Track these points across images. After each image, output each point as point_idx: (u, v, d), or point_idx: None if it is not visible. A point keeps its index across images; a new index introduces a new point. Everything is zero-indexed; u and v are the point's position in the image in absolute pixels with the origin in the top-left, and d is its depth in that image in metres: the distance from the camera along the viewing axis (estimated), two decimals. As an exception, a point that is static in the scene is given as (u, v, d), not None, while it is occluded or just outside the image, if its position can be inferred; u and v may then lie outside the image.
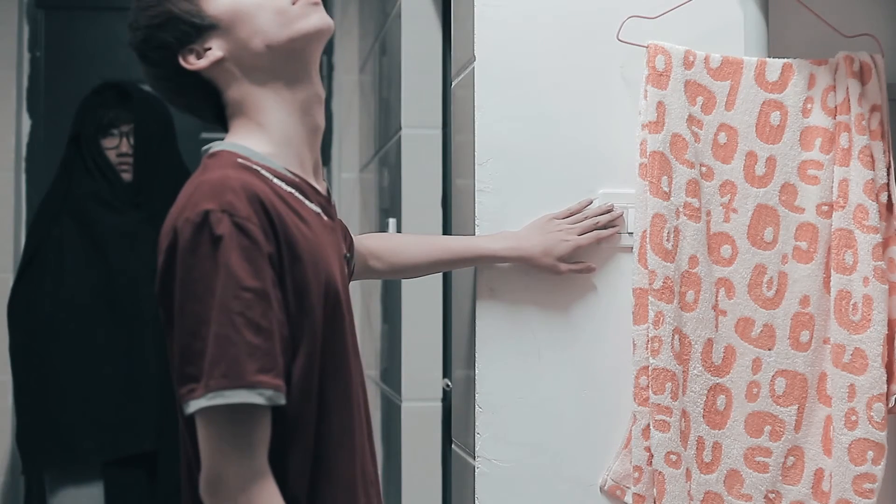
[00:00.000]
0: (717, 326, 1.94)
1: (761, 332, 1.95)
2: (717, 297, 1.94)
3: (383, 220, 3.09)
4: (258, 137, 1.51)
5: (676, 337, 1.89)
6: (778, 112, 1.97)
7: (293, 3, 1.52)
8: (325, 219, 1.55)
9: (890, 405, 1.94)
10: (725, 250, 1.95)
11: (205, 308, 1.35)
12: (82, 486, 2.78)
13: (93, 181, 2.83)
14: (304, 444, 1.43)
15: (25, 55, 3.65)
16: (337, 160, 3.70)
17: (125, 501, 2.78)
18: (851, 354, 1.92)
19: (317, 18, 1.53)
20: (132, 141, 2.85)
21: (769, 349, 1.96)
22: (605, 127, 1.99)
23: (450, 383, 2.52)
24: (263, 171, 1.47)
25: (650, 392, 1.88)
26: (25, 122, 3.64)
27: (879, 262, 1.91)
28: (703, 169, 1.94)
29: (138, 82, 2.74)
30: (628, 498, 1.94)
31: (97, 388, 2.75)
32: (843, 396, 1.92)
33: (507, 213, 1.97)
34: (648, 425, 1.89)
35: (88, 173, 2.84)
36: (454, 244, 2.00)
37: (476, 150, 1.97)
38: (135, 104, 2.85)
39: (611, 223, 1.97)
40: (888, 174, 1.96)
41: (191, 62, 1.52)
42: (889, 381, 1.93)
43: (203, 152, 1.53)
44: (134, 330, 2.77)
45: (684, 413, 1.91)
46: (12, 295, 2.87)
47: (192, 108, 1.59)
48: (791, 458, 1.96)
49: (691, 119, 1.93)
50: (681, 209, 1.91)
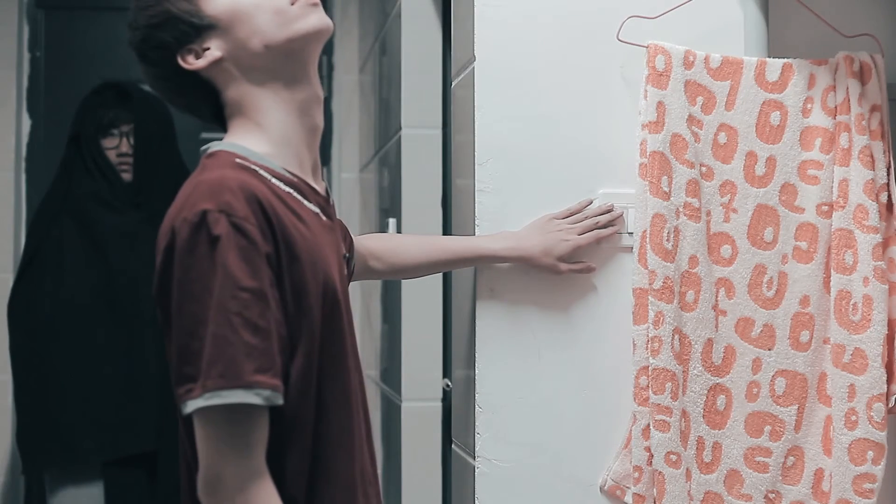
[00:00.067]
0: (717, 326, 1.94)
1: (761, 332, 1.95)
2: (717, 297, 1.94)
3: (383, 220, 3.09)
4: (257, 137, 1.51)
5: (676, 337, 1.89)
6: (778, 112, 1.97)
7: (292, 4, 1.51)
8: (324, 219, 1.55)
9: (890, 405, 1.94)
10: (725, 250, 1.95)
11: (202, 308, 1.35)
12: (82, 486, 2.77)
13: (93, 181, 2.83)
14: (303, 443, 1.43)
15: (25, 55, 3.65)
16: (337, 160, 3.70)
17: (125, 501, 2.77)
18: (851, 354, 1.92)
19: (315, 19, 1.53)
20: (132, 141, 2.85)
21: (769, 349, 1.96)
22: (605, 127, 1.99)
23: (450, 383, 2.51)
24: (262, 171, 1.47)
25: (650, 392, 1.88)
26: (25, 122, 3.64)
27: (879, 262, 1.91)
28: (703, 169, 1.94)
29: (138, 82, 2.74)
30: (628, 498, 1.93)
31: (97, 388, 2.75)
32: (843, 396, 1.92)
33: (507, 213, 1.97)
34: (648, 425, 1.89)
35: (88, 173, 2.83)
36: (454, 244, 2.00)
37: (476, 150, 1.97)
38: (135, 104, 2.85)
39: (611, 223, 1.97)
40: (888, 174, 1.96)
41: (189, 62, 1.52)
42: (889, 381, 1.92)
43: (201, 152, 1.53)
44: (134, 330, 2.77)
45: (684, 413, 1.91)
46: (12, 295, 2.87)
47: (191, 108, 1.59)
48: (791, 458, 1.96)
49: (691, 119, 1.93)
50: (681, 209, 1.91)
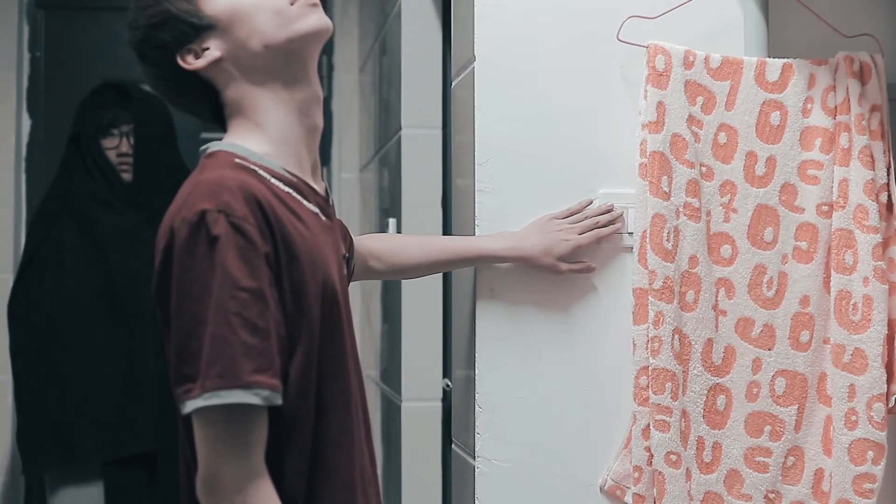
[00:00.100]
0: (717, 326, 1.94)
1: (761, 332, 1.95)
2: (717, 297, 1.94)
3: (383, 220, 3.09)
4: (256, 137, 1.51)
5: (676, 337, 1.89)
6: (778, 112, 1.97)
7: (291, 4, 1.51)
8: (324, 219, 1.55)
9: (890, 405, 1.94)
10: (725, 250, 1.95)
11: (201, 308, 1.35)
12: (82, 486, 2.77)
13: (93, 181, 2.83)
14: (302, 444, 1.43)
15: (25, 55, 3.65)
16: (337, 160, 3.69)
17: (125, 501, 2.77)
18: (851, 354, 1.91)
19: (315, 19, 1.53)
20: (132, 141, 2.85)
21: (769, 349, 1.96)
22: (605, 127, 1.99)
23: (450, 383, 2.51)
24: (261, 171, 1.47)
25: (650, 392, 1.88)
26: (25, 122, 3.64)
27: (879, 262, 1.91)
28: (703, 169, 1.94)
29: (138, 82, 2.74)
30: (628, 498, 1.93)
31: (97, 388, 2.75)
32: (843, 396, 1.92)
33: (507, 213, 1.97)
34: (648, 425, 1.89)
35: (88, 173, 2.83)
36: (454, 244, 2.00)
37: (476, 150, 1.97)
38: (135, 104, 2.85)
39: (611, 223, 1.97)
40: (888, 174, 1.95)
41: (189, 62, 1.52)
42: (889, 381, 1.92)
43: (201, 152, 1.53)
44: (134, 330, 2.77)
45: (684, 413, 1.90)
46: (12, 295, 2.87)
47: (190, 108, 1.59)
48: (791, 458, 1.96)
49: (691, 119, 1.93)
50: (681, 209, 1.91)
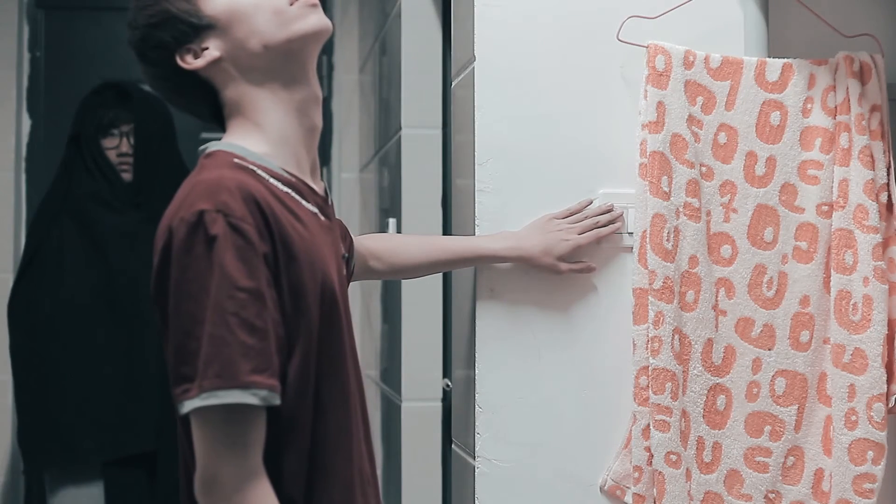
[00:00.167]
0: (717, 326, 1.94)
1: (761, 332, 1.95)
2: (717, 297, 1.94)
3: (383, 220, 3.09)
4: (255, 137, 1.51)
5: (676, 337, 1.89)
6: (778, 112, 1.97)
7: (291, 4, 1.51)
8: (323, 219, 1.55)
9: (890, 405, 1.94)
10: (725, 250, 1.95)
11: (199, 308, 1.35)
12: (82, 486, 2.77)
13: (93, 181, 2.83)
14: (300, 444, 1.43)
15: (25, 55, 3.65)
16: (337, 160, 3.69)
17: (125, 501, 2.77)
18: (851, 354, 1.91)
19: (315, 19, 1.53)
20: (132, 141, 2.85)
21: (769, 349, 1.96)
22: (605, 127, 1.99)
23: (450, 383, 2.51)
24: (259, 171, 1.47)
25: (650, 392, 1.88)
26: (25, 122, 3.64)
27: (879, 262, 1.91)
28: (703, 169, 1.94)
29: (138, 82, 2.74)
30: (628, 498, 1.93)
31: (97, 388, 2.75)
32: (843, 396, 1.92)
33: (507, 213, 1.97)
34: (648, 425, 1.89)
35: (88, 173, 2.83)
36: (454, 244, 2.00)
37: (476, 150, 1.97)
38: (135, 104, 2.85)
39: (611, 223, 1.97)
40: (888, 174, 1.95)
41: (188, 62, 1.52)
42: (889, 381, 1.92)
43: (200, 152, 1.52)
44: (134, 330, 2.77)
45: (684, 413, 1.90)
46: (12, 295, 2.87)
47: (190, 108, 1.59)
48: (791, 458, 1.96)
49: (691, 119, 1.93)
50: (681, 209, 1.91)
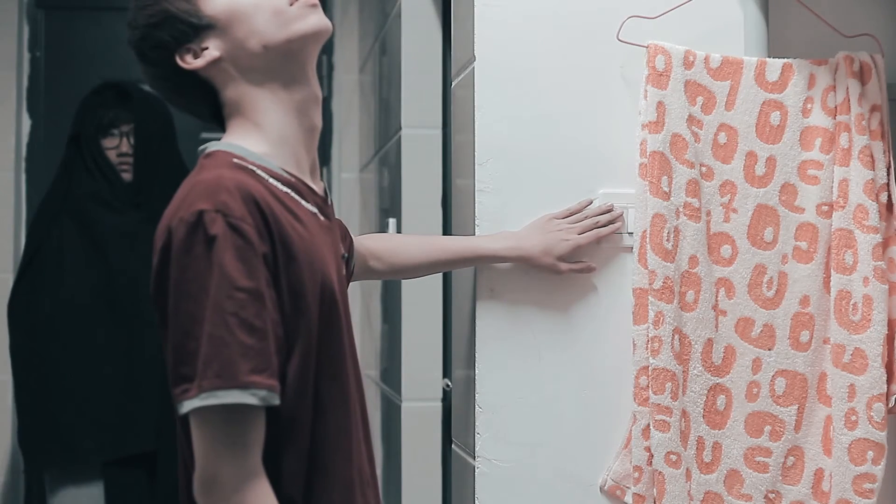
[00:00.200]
0: (717, 326, 1.94)
1: (761, 332, 1.95)
2: (717, 297, 1.94)
3: (383, 220, 3.09)
4: (255, 137, 1.51)
5: (676, 337, 1.89)
6: (778, 112, 1.97)
7: (291, 5, 1.51)
8: (322, 219, 1.55)
9: (890, 405, 1.94)
10: (725, 250, 1.95)
11: (199, 308, 1.35)
12: (82, 486, 2.77)
13: (93, 181, 2.83)
14: (300, 444, 1.43)
15: (25, 55, 3.65)
16: (337, 160, 3.69)
17: (125, 501, 2.77)
18: (851, 354, 1.91)
19: (314, 20, 1.53)
20: (132, 141, 2.85)
21: (769, 349, 1.96)
22: (605, 127, 1.99)
23: (450, 383, 2.51)
24: (259, 171, 1.47)
25: (650, 392, 1.88)
26: (25, 122, 3.64)
27: (879, 262, 1.91)
28: (703, 169, 1.94)
29: (138, 82, 2.74)
30: (628, 498, 1.93)
31: (97, 388, 2.75)
32: (843, 396, 1.92)
33: (507, 213, 1.97)
34: (648, 425, 1.89)
35: (88, 173, 2.83)
36: (454, 244, 2.00)
37: (476, 150, 1.97)
38: (135, 104, 2.85)
39: (610, 223, 1.97)
40: (888, 174, 1.95)
41: (188, 61, 1.52)
42: (889, 381, 1.92)
43: (199, 152, 1.52)
44: (134, 330, 2.77)
45: (684, 413, 1.90)
46: (12, 295, 2.87)
47: (190, 108, 1.59)
48: (791, 458, 1.96)
49: (691, 119, 1.93)
50: (681, 209, 1.91)
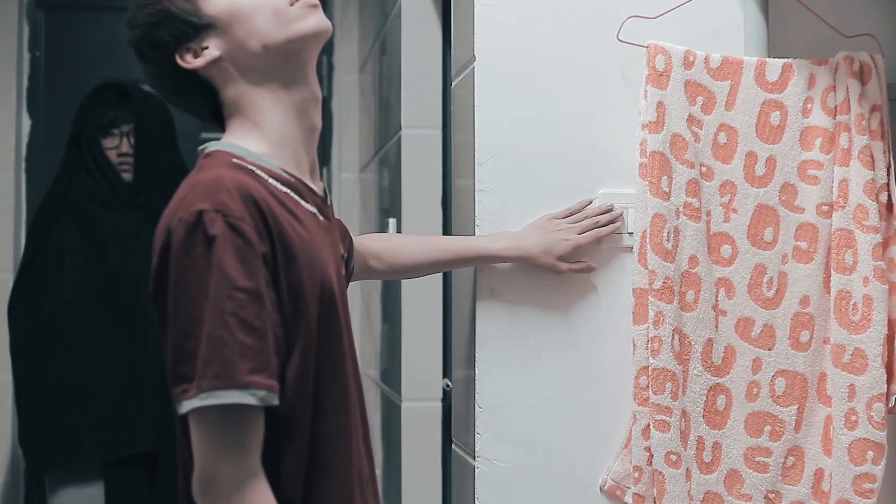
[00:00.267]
0: (717, 326, 1.94)
1: (761, 332, 1.95)
2: (717, 297, 1.94)
3: (383, 220, 3.09)
4: (254, 137, 1.51)
5: (676, 337, 1.89)
6: (778, 112, 1.97)
7: (291, 5, 1.51)
8: (322, 219, 1.55)
9: (890, 405, 1.94)
10: (725, 250, 1.95)
11: (198, 308, 1.35)
12: (82, 486, 2.77)
13: (93, 181, 2.83)
14: (299, 444, 1.43)
15: (25, 55, 3.65)
16: (337, 160, 3.69)
17: (125, 501, 2.77)
18: (851, 354, 1.91)
19: (315, 20, 1.53)
20: (132, 141, 2.85)
21: (769, 349, 1.96)
22: (605, 127, 1.99)
23: (450, 383, 2.51)
24: (258, 171, 1.47)
25: (650, 392, 1.88)
26: (25, 122, 3.64)
27: (879, 262, 1.91)
28: (703, 169, 1.94)
29: (138, 82, 2.74)
30: (628, 498, 1.93)
31: (97, 388, 2.75)
32: (843, 396, 1.92)
33: (507, 213, 1.97)
34: (648, 425, 1.89)
35: (89, 173, 2.83)
36: (454, 244, 2.00)
37: (476, 150, 1.97)
38: (135, 104, 2.85)
39: (610, 223, 1.97)
40: (888, 174, 1.95)
41: (188, 61, 1.52)
42: (889, 381, 1.92)
43: (199, 152, 1.52)
44: (134, 330, 2.77)
45: (684, 413, 1.90)
46: (12, 295, 2.86)
47: (189, 107, 1.59)
48: (791, 458, 1.96)
49: (691, 119, 1.93)
50: (681, 209, 1.91)
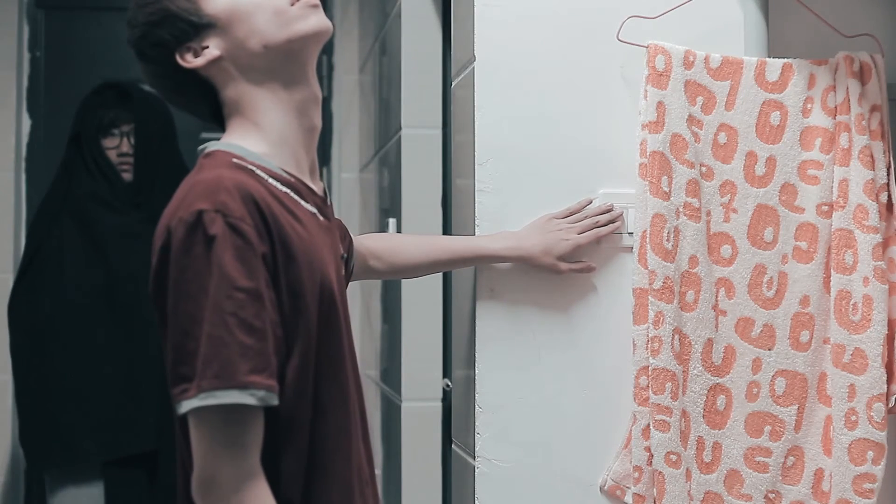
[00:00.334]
0: (717, 326, 1.94)
1: (761, 332, 1.95)
2: (717, 297, 1.94)
3: (383, 220, 3.09)
4: (254, 137, 1.51)
5: (676, 337, 1.89)
6: (778, 112, 1.97)
7: (291, 5, 1.51)
8: (321, 219, 1.55)
9: (890, 405, 1.94)
10: (725, 250, 1.95)
11: (198, 308, 1.35)
12: (82, 486, 2.77)
13: (93, 181, 2.83)
14: (299, 444, 1.43)
15: (25, 55, 3.65)
16: (337, 160, 3.69)
17: (125, 501, 2.77)
18: (851, 354, 1.91)
19: (315, 20, 1.53)
20: (132, 141, 2.85)
21: (769, 349, 1.96)
22: (605, 127, 1.99)
23: (450, 383, 2.51)
24: (258, 171, 1.47)
25: (650, 392, 1.88)
26: (25, 122, 3.64)
27: (879, 262, 1.91)
28: (703, 169, 1.94)
29: (138, 82, 2.74)
30: (628, 498, 1.93)
31: (97, 388, 2.75)
32: (843, 396, 1.92)
33: (507, 213, 1.97)
34: (648, 425, 1.89)
35: (89, 173, 2.83)
36: (454, 244, 2.00)
37: (476, 150, 1.97)
38: (135, 104, 2.85)
39: (610, 222, 1.97)
40: (888, 174, 1.96)
41: (188, 60, 1.52)
42: (889, 381, 1.92)
43: (199, 152, 1.52)
44: (134, 330, 2.77)
45: (684, 413, 1.91)
46: (12, 295, 2.86)
47: (189, 107, 1.59)
48: (791, 458, 1.96)
49: (691, 119, 1.93)
50: (681, 209, 1.91)
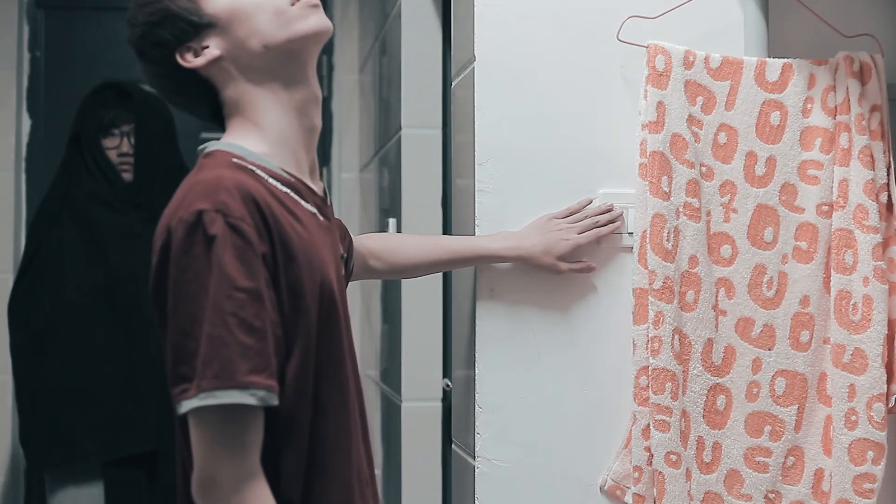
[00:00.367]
0: (717, 326, 1.94)
1: (761, 332, 1.95)
2: (717, 297, 1.94)
3: (383, 220, 3.09)
4: (254, 137, 1.51)
5: (676, 337, 1.89)
6: (778, 112, 1.97)
7: (292, 4, 1.51)
8: (322, 219, 1.55)
9: (890, 405, 1.94)
10: (725, 250, 1.95)
11: (198, 308, 1.35)
12: (82, 486, 2.77)
13: (93, 181, 2.83)
14: (299, 444, 1.43)
15: (25, 55, 3.65)
16: (337, 160, 3.69)
17: (125, 501, 2.77)
18: (851, 354, 1.92)
19: (315, 20, 1.53)
20: (133, 141, 2.85)
21: (769, 349, 1.96)
22: (605, 127, 1.99)
23: (450, 383, 2.51)
24: (258, 171, 1.47)
25: (650, 392, 1.88)
26: (25, 122, 3.64)
27: (879, 262, 1.91)
28: (703, 169, 1.94)
29: (139, 82, 2.74)
30: (628, 498, 1.93)
31: (97, 388, 2.75)
32: (843, 396, 1.92)
33: (507, 213, 1.97)
34: (648, 425, 1.89)
35: (89, 173, 2.83)
36: (454, 244, 2.00)
37: (476, 150, 1.97)
38: (135, 104, 2.85)
39: (610, 222, 1.97)
40: (888, 174, 1.96)
41: (188, 60, 1.52)
42: (889, 381, 1.92)
43: (199, 152, 1.52)
44: (134, 330, 2.77)
45: (684, 413, 1.91)
46: (12, 295, 2.86)
47: (189, 107, 1.59)
48: (791, 458, 1.96)
49: (691, 119, 1.93)
50: (681, 209, 1.91)
